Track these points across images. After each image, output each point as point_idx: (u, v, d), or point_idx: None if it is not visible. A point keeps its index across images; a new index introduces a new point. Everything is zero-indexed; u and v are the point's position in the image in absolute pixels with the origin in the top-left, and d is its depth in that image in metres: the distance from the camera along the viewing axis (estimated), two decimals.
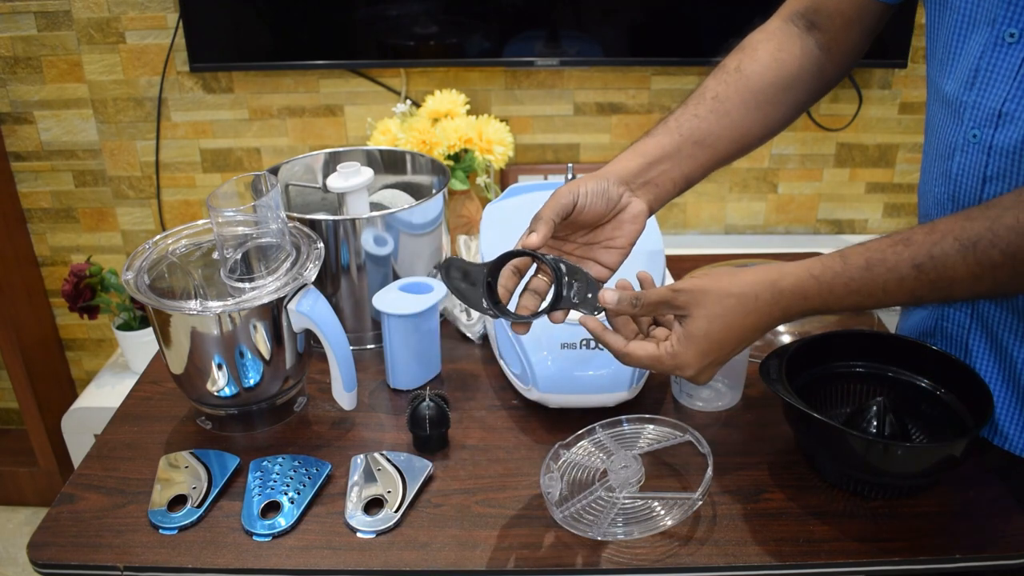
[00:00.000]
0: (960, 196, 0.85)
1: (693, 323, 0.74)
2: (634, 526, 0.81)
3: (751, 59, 0.90)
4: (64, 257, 2.14)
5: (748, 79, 0.89)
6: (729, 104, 0.88)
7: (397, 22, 1.84)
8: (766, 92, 0.89)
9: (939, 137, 0.87)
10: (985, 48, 0.79)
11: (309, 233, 1.01)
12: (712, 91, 0.88)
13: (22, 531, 2.16)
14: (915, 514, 0.84)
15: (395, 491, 0.87)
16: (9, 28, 1.89)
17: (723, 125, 0.88)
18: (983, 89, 0.80)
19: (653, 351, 0.76)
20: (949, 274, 0.69)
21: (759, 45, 0.91)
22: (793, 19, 0.93)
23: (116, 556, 0.81)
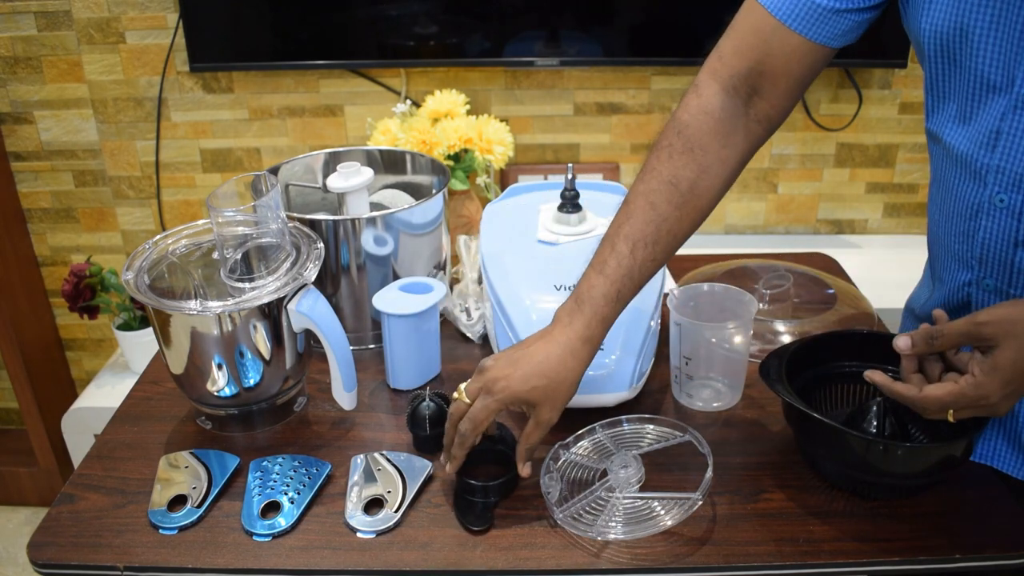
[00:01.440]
0: (989, 259, 0.83)
1: (1002, 353, 0.72)
2: (634, 526, 0.81)
3: (704, 173, 0.86)
4: (64, 257, 2.14)
5: (700, 199, 0.87)
6: (682, 232, 0.87)
7: (397, 22, 1.84)
8: (711, 203, 0.88)
9: (956, 196, 0.85)
10: (1005, 111, 0.77)
11: (309, 233, 1.01)
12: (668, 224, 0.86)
13: (22, 531, 2.15)
14: (915, 514, 0.84)
15: (395, 491, 0.87)
16: (9, 28, 1.89)
17: (668, 255, 0.88)
18: (1007, 154, 0.78)
19: (953, 388, 0.74)
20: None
21: (707, 144, 0.86)
22: (736, 87, 0.87)
23: (116, 556, 0.81)
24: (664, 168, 0.86)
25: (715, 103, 0.87)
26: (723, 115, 0.87)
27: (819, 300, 1.20)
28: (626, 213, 0.87)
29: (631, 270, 0.85)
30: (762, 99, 0.87)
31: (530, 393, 0.83)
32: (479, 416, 0.83)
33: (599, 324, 0.85)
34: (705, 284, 1.03)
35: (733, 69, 0.86)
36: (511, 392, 0.83)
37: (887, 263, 1.92)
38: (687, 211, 0.86)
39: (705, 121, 0.87)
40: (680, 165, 0.86)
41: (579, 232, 1.13)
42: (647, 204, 0.86)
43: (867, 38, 0.90)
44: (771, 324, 1.13)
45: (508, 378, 0.83)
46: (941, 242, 0.91)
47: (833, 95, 1.92)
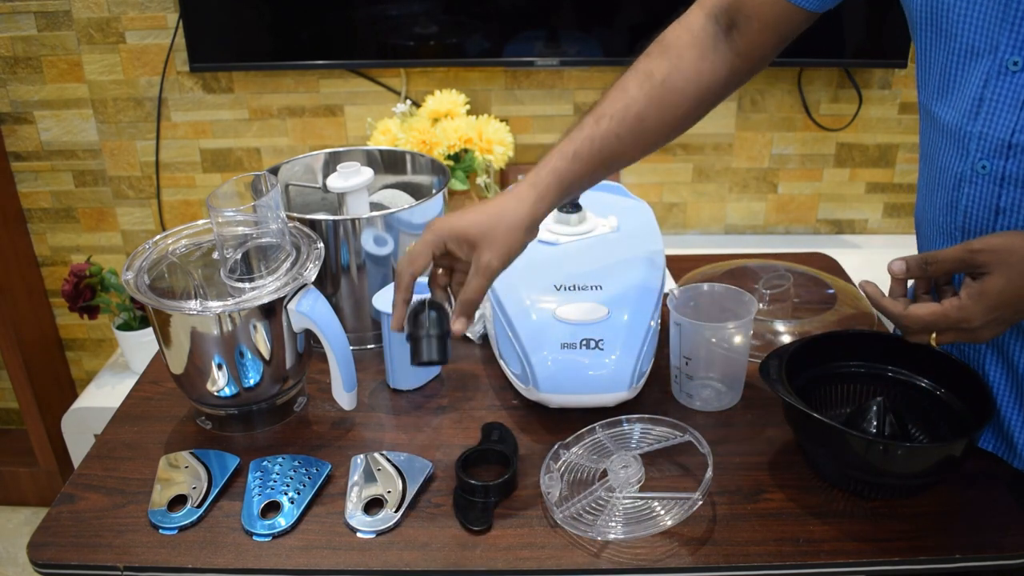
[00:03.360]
0: (971, 227, 0.84)
1: (991, 280, 0.73)
2: (634, 526, 0.81)
3: (676, 70, 0.89)
4: (64, 257, 2.14)
5: (671, 94, 0.89)
6: (649, 122, 0.89)
7: (397, 22, 1.84)
8: (685, 107, 0.91)
9: (941, 167, 0.86)
10: (988, 77, 0.78)
11: (309, 233, 1.01)
12: (637, 107, 0.88)
13: (22, 531, 2.16)
14: (915, 514, 0.84)
15: (395, 491, 0.87)
16: (9, 28, 1.89)
17: (637, 145, 0.89)
18: (989, 119, 0.79)
19: (936, 308, 0.75)
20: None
21: (684, 52, 0.90)
22: (716, 16, 0.92)
23: (116, 556, 0.81)
24: (640, 64, 0.91)
25: (697, 23, 0.92)
26: (703, 34, 0.91)
27: (819, 300, 1.20)
28: (599, 100, 0.90)
29: (592, 136, 0.87)
30: (740, 34, 0.91)
31: (468, 228, 0.83)
32: (416, 250, 0.84)
33: (549, 173, 0.86)
34: (705, 284, 1.03)
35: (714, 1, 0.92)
36: (449, 226, 0.84)
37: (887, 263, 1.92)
38: (656, 101, 0.89)
39: (684, 34, 0.92)
40: (655, 62, 0.90)
41: (579, 232, 1.13)
42: (619, 88, 0.90)
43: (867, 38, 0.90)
44: (771, 324, 1.13)
45: (449, 217, 0.85)
46: (927, 217, 0.91)
47: (833, 95, 1.92)
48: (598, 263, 1.08)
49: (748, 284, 1.15)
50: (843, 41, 1.81)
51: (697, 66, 0.90)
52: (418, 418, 1.00)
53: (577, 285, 1.04)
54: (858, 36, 1.80)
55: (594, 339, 0.97)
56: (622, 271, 1.07)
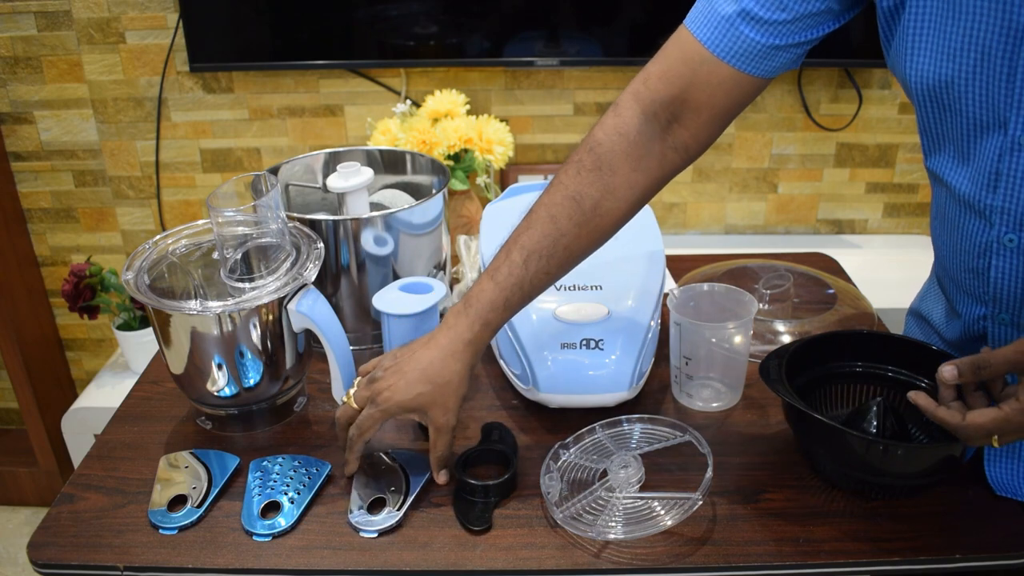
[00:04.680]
0: (1003, 297, 0.82)
1: None
2: (634, 526, 0.81)
3: (608, 193, 0.86)
4: (64, 257, 2.14)
5: (603, 219, 0.87)
6: (578, 251, 0.88)
7: (397, 22, 1.84)
8: (615, 225, 0.88)
9: (963, 234, 0.83)
10: (1002, 152, 0.76)
11: (309, 233, 1.01)
12: (566, 240, 0.86)
13: (22, 531, 2.16)
14: (915, 514, 0.84)
15: (398, 489, 0.87)
16: (9, 28, 1.89)
17: (562, 273, 0.88)
18: (1009, 194, 0.77)
19: (998, 414, 0.72)
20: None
21: (618, 165, 0.86)
22: (655, 113, 0.86)
23: (116, 556, 0.81)
24: (571, 183, 0.86)
25: (632, 125, 0.86)
26: (639, 138, 0.86)
27: (819, 300, 1.20)
28: (527, 224, 0.87)
29: (522, 280, 0.86)
30: (682, 128, 0.87)
31: (416, 400, 0.85)
32: (365, 424, 0.86)
33: (483, 328, 0.86)
34: (705, 284, 1.03)
35: (656, 94, 0.86)
36: (395, 402, 0.85)
37: (887, 263, 1.92)
38: (587, 230, 0.86)
39: (619, 142, 0.86)
40: (586, 183, 0.86)
41: None
42: (548, 217, 0.86)
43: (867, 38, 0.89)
44: (771, 324, 1.13)
45: (392, 388, 0.86)
46: (951, 276, 0.89)
47: (833, 95, 1.92)
48: (598, 263, 1.08)
49: (748, 284, 1.15)
50: (843, 41, 1.81)
51: (630, 180, 0.86)
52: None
53: (577, 285, 1.04)
54: (858, 36, 1.80)
55: (594, 339, 0.97)
56: (622, 271, 1.07)
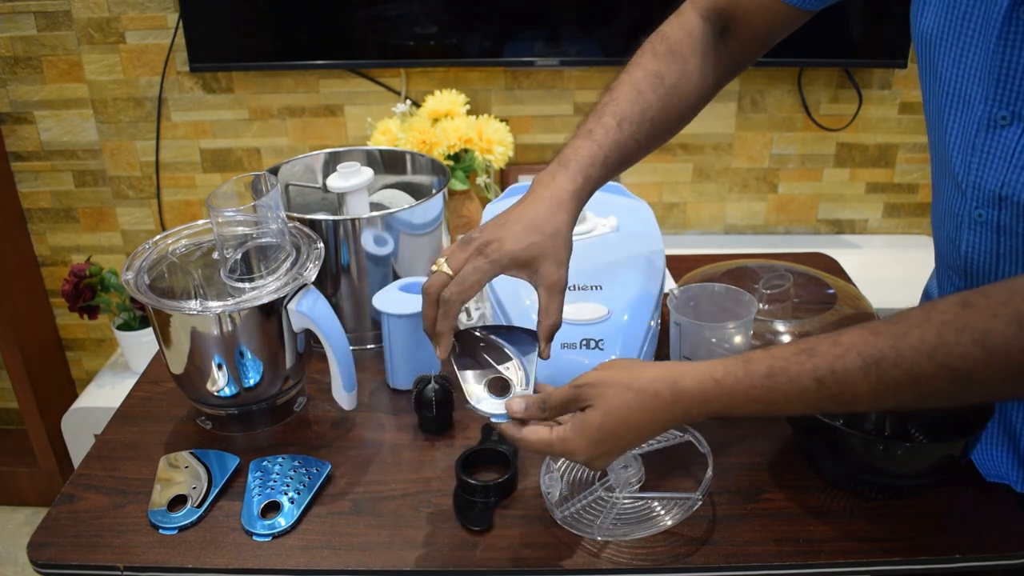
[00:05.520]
0: (972, 272, 0.83)
1: (590, 414, 0.72)
2: (634, 526, 0.81)
3: (685, 76, 0.90)
4: (64, 257, 2.14)
5: (679, 100, 0.90)
6: (659, 127, 0.89)
7: (397, 22, 1.84)
8: (687, 112, 0.92)
9: (944, 203, 0.85)
10: (980, 126, 0.76)
11: (309, 233, 1.01)
12: (653, 112, 0.88)
13: (22, 531, 2.16)
14: (915, 514, 0.84)
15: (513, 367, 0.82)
16: (9, 28, 1.89)
17: (647, 149, 0.90)
18: (981, 170, 0.77)
19: (545, 436, 0.74)
20: (851, 390, 0.65)
21: (689, 56, 0.91)
22: (711, 18, 0.93)
23: (116, 556, 0.81)
24: (650, 63, 0.90)
25: (696, 25, 0.92)
26: (702, 37, 0.92)
27: (819, 300, 1.19)
28: (612, 95, 0.88)
29: (618, 141, 0.85)
30: (734, 38, 0.93)
31: (528, 249, 0.79)
32: (470, 279, 0.78)
33: (585, 181, 0.83)
34: (705, 284, 1.03)
35: (709, 2, 0.93)
36: (506, 251, 0.78)
37: (887, 263, 1.92)
38: (669, 106, 0.89)
39: (686, 37, 0.92)
40: (665, 63, 0.90)
41: (579, 232, 1.13)
42: (633, 89, 0.88)
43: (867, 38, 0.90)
44: (771, 324, 1.13)
45: (501, 239, 0.79)
46: (938, 248, 0.91)
47: (833, 95, 1.92)
48: (598, 263, 1.08)
49: (748, 284, 1.15)
50: (843, 41, 1.81)
51: (701, 71, 0.91)
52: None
53: (577, 285, 1.04)
54: (858, 36, 1.80)
55: (594, 339, 0.97)
56: (622, 271, 1.07)
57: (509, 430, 0.76)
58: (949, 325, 0.62)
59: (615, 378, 0.72)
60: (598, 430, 0.72)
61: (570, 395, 0.74)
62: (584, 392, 0.73)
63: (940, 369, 0.62)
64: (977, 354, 0.60)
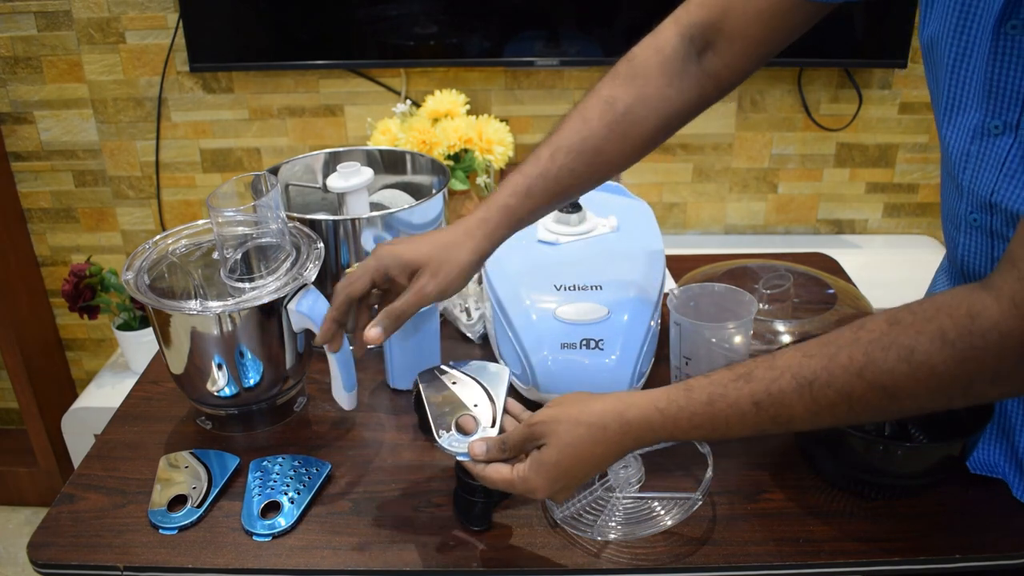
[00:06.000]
0: (969, 273, 0.83)
1: (546, 452, 0.74)
2: (634, 526, 0.81)
3: (640, 100, 0.86)
4: (64, 257, 2.14)
5: (633, 125, 0.86)
6: (607, 154, 0.87)
7: (397, 22, 1.84)
8: (646, 136, 0.87)
9: (948, 203, 0.85)
10: (975, 133, 0.77)
11: (309, 233, 1.01)
12: (594, 140, 0.85)
13: (22, 531, 2.16)
14: (915, 514, 0.84)
15: (482, 404, 0.84)
16: (9, 28, 1.89)
17: (592, 177, 0.88)
18: (974, 175, 0.78)
19: (507, 475, 0.76)
20: (787, 411, 0.68)
21: (652, 77, 0.87)
22: (691, 36, 0.88)
23: (116, 556, 0.81)
24: (604, 89, 0.87)
25: (669, 44, 0.88)
26: (674, 56, 0.88)
27: (819, 300, 1.19)
28: (558, 125, 0.88)
29: (546, 171, 0.85)
30: (717, 56, 0.88)
31: (413, 258, 0.82)
32: (356, 272, 0.84)
33: (499, 211, 0.85)
34: (705, 284, 1.03)
35: (693, 17, 0.88)
36: (394, 253, 0.83)
37: (887, 263, 1.92)
38: (617, 132, 0.86)
39: (654, 56, 0.88)
40: (620, 87, 0.87)
41: (579, 232, 1.13)
42: (579, 117, 0.87)
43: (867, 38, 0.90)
44: (771, 324, 1.13)
45: (397, 243, 0.85)
46: (947, 247, 0.90)
47: (833, 95, 1.92)
48: (598, 263, 1.08)
49: (748, 284, 1.15)
50: (843, 41, 1.81)
51: (663, 93, 0.87)
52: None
53: (577, 285, 1.04)
54: (858, 36, 1.80)
55: (594, 339, 0.97)
56: (622, 271, 1.07)
57: (475, 468, 0.78)
58: (876, 343, 0.64)
59: (565, 414, 0.74)
60: (555, 467, 0.74)
61: (525, 434, 0.76)
62: (537, 430, 0.75)
63: (870, 387, 0.64)
64: (904, 370, 0.63)
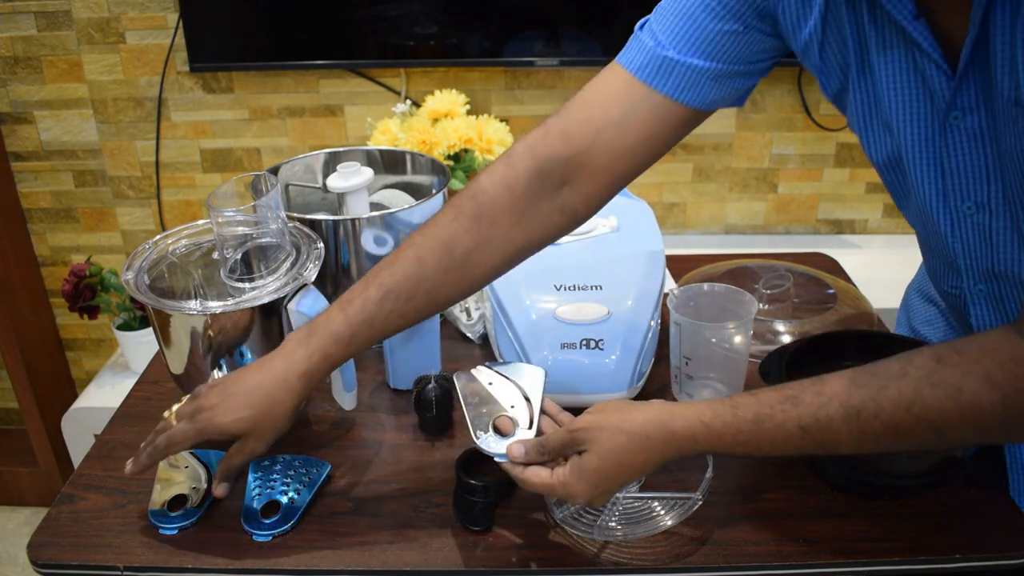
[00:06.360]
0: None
1: (587, 458, 0.75)
2: (634, 526, 0.81)
3: (482, 245, 0.83)
4: (64, 257, 2.14)
5: (472, 269, 0.84)
6: (441, 296, 0.84)
7: (397, 22, 1.84)
8: (486, 276, 0.86)
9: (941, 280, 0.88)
10: (953, 219, 0.79)
11: (309, 233, 1.01)
12: (428, 284, 0.82)
13: (22, 531, 2.16)
14: (915, 514, 0.84)
15: (519, 406, 0.83)
16: (9, 28, 1.89)
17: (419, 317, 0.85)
18: (967, 256, 0.80)
19: (547, 479, 0.76)
20: (833, 437, 0.70)
21: (497, 217, 0.82)
22: (547, 171, 0.82)
23: (116, 556, 0.81)
24: (446, 228, 0.83)
25: (521, 180, 0.83)
26: (525, 195, 0.83)
27: (819, 300, 1.20)
28: (392, 260, 0.84)
29: (373, 318, 0.82)
30: (573, 191, 0.84)
31: (233, 425, 0.82)
32: (176, 439, 0.82)
33: (322, 360, 0.82)
34: (705, 284, 1.03)
35: (552, 151, 0.82)
36: (213, 423, 0.82)
37: (887, 263, 1.92)
38: (454, 277, 0.83)
39: (503, 195, 0.83)
40: (462, 230, 0.82)
41: (579, 232, 1.13)
42: (415, 258, 0.83)
43: None
44: (771, 324, 1.13)
45: (214, 408, 0.82)
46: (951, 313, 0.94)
47: None
48: (598, 263, 1.08)
49: (748, 284, 1.15)
50: None
51: (508, 235, 0.83)
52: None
53: (577, 285, 1.05)
54: None
55: (594, 339, 0.97)
56: (622, 271, 1.07)
57: (513, 470, 0.79)
58: (925, 380, 0.66)
59: (607, 421, 0.75)
60: (596, 473, 0.74)
61: (566, 439, 0.76)
62: (579, 436, 0.75)
63: (917, 422, 0.67)
64: (951, 408, 0.65)
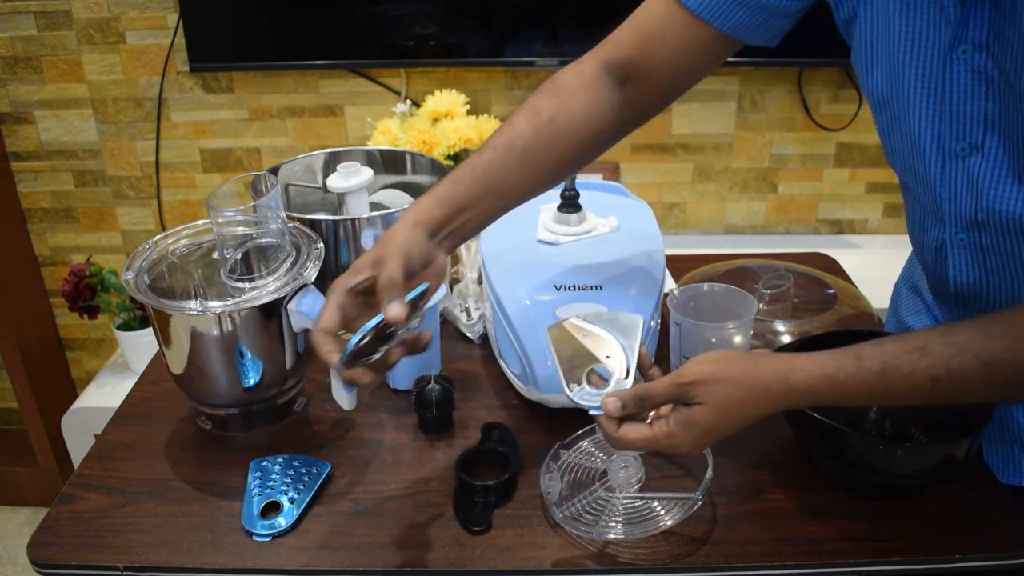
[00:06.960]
0: (963, 294, 0.85)
1: (698, 411, 0.73)
2: (634, 526, 0.81)
3: (564, 111, 0.89)
4: (64, 257, 2.14)
5: (559, 136, 0.88)
6: (536, 159, 0.88)
7: (397, 22, 1.84)
8: (573, 150, 0.90)
9: (923, 228, 0.88)
10: (943, 160, 0.79)
11: (309, 233, 1.01)
12: (523, 141, 0.87)
13: (22, 531, 2.16)
14: (915, 514, 0.84)
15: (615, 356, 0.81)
16: (9, 28, 1.89)
17: (524, 179, 0.88)
18: (952, 200, 0.80)
19: (648, 434, 0.74)
20: (964, 388, 0.70)
21: (575, 96, 0.90)
22: (609, 68, 0.91)
23: (116, 556, 0.81)
24: (529, 101, 0.90)
25: (589, 71, 0.91)
26: (595, 81, 0.91)
27: (819, 300, 1.19)
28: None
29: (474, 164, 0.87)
30: (634, 88, 0.91)
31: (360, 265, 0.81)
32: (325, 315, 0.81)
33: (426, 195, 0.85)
34: (705, 284, 1.03)
35: (611, 55, 0.91)
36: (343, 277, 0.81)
37: (887, 263, 1.91)
38: (543, 138, 0.88)
39: (576, 78, 0.91)
40: (544, 99, 0.90)
41: (579, 232, 1.13)
42: (506, 123, 0.90)
43: None
44: (771, 324, 1.13)
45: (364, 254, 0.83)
46: (928, 280, 0.94)
47: (833, 95, 1.92)
48: (598, 263, 1.08)
49: (748, 284, 1.15)
50: (843, 41, 1.81)
51: (587, 110, 0.90)
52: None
53: (577, 285, 1.04)
54: None
55: None
56: (622, 271, 1.07)
57: (607, 426, 0.76)
58: None
59: (725, 374, 0.73)
60: (706, 425, 0.73)
61: (674, 392, 0.74)
62: (691, 390, 0.73)
63: None
64: None
